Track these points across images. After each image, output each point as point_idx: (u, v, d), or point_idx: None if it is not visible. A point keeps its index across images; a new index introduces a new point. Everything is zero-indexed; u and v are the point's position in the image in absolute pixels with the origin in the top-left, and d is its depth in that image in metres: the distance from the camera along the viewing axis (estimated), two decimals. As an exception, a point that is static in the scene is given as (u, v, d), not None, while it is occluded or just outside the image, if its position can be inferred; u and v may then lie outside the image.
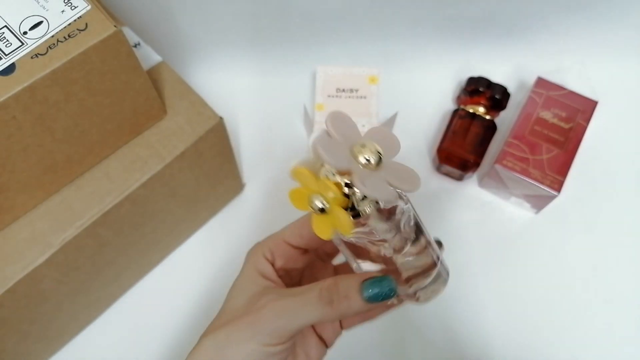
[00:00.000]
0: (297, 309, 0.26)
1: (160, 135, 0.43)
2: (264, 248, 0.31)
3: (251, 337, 0.26)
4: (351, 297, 0.26)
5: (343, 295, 0.26)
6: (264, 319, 0.27)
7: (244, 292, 0.30)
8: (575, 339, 0.51)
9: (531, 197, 0.54)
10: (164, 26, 0.56)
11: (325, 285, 0.27)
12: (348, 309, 0.26)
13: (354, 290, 0.26)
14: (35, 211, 0.40)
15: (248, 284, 0.30)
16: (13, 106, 0.31)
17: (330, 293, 0.26)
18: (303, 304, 0.26)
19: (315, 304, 0.26)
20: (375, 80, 0.57)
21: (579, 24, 0.59)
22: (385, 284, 0.26)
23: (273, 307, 0.27)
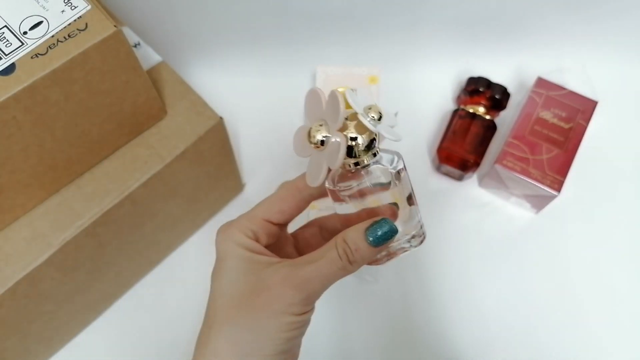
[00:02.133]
0: (323, 274, 0.27)
1: (160, 135, 0.43)
2: (242, 228, 0.30)
3: (278, 311, 0.26)
4: (360, 247, 0.27)
5: (354, 248, 0.27)
6: (287, 291, 0.26)
7: (235, 271, 0.28)
8: (576, 338, 0.51)
9: (531, 197, 0.54)
10: (164, 26, 0.56)
11: (338, 243, 0.27)
12: (362, 259, 0.27)
13: (361, 240, 0.27)
14: (35, 211, 0.40)
15: (237, 262, 0.29)
16: (13, 106, 0.31)
17: (344, 250, 0.27)
18: (327, 267, 0.27)
19: (338, 264, 0.27)
20: (375, 80, 0.57)
21: (579, 24, 0.59)
22: (385, 224, 0.27)
23: (293, 278, 0.27)
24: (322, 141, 0.26)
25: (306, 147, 0.27)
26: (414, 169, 0.59)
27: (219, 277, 0.29)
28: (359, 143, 0.27)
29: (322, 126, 0.27)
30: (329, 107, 0.26)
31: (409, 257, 0.56)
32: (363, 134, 0.27)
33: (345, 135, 0.26)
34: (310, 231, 0.35)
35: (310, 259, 0.28)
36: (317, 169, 0.27)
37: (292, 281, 0.27)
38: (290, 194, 0.31)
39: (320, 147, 0.27)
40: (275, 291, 0.27)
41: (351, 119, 0.27)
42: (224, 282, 0.29)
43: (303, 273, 0.27)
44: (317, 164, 0.27)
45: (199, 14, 0.56)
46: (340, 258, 0.27)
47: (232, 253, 0.29)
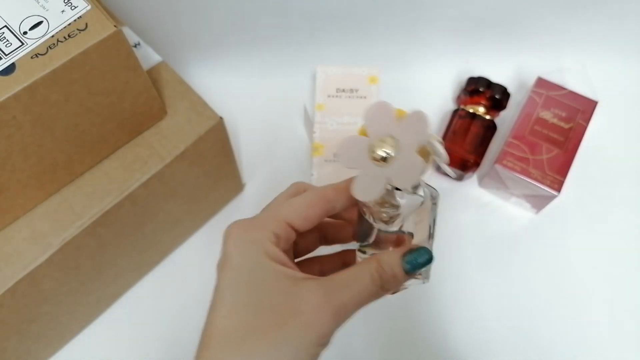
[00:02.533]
0: (357, 300, 0.25)
1: (160, 135, 0.43)
2: (267, 232, 0.26)
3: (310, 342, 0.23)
4: (397, 274, 0.26)
5: (391, 274, 0.26)
6: (323, 319, 0.24)
7: (256, 285, 0.24)
8: (576, 338, 0.51)
9: (531, 197, 0.54)
10: (164, 26, 0.56)
11: (374, 268, 0.26)
12: (396, 285, 0.27)
13: (398, 267, 0.26)
14: (35, 211, 0.40)
15: (260, 275, 0.24)
16: (13, 106, 0.31)
17: (380, 275, 0.26)
18: (361, 293, 0.25)
19: (372, 289, 0.25)
20: (375, 80, 0.57)
21: (579, 24, 0.59)
22: (425, 253, 0.27)
23: (331, 304, 0.24)
24: (384, 157, 0.24)
25: (361, 158, 0.25)
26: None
27: (232, 289, 0.25)
28: None
29: (387, 142, 0.25)
30: (411, 125, 0.25)
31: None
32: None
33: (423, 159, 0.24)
34: (310, 237, 0.33)
35: (344, 281, 0.25)
36: (372, 184, 0.25)
37: (329, 308, 0.24)
38: (319, 201, 0.28)
39: (381, 162, 0.25)
40: (308, 319, 0.23)
41: None
42: (240, 297, 0.24)
43: (339, 298, 0.24)
44: (375, 179, 0.25)
45: (199, 14, 0.56)
46: (375, 284, 0.25)
47: (253, 263, 0.25)
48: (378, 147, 0.24)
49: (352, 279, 0.25)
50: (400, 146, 0.24)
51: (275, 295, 0.24)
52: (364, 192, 0.25)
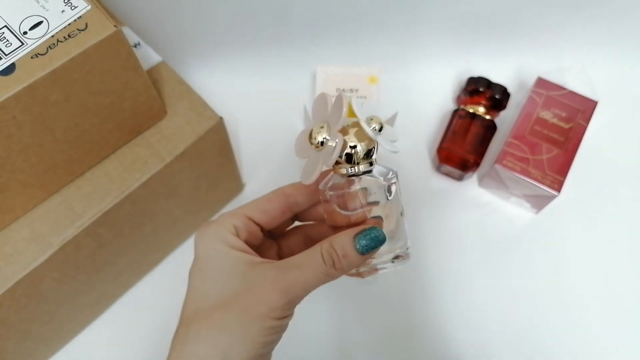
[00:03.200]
0: (307, 279, 0.27)
1: (160, 135, 0.43)
2: (225, 224, 0.29)
3: (262, 315, 0.26)
4: (349, 254, 0.27)
5: (342, 254, 0.27)
6: (271, 295, 0.26)
7: (218, 270, 0.28)
8: (576, 338, 0.51)
9: (531, 197, 0.54)
10: (164, 26, 0.56)
11: (324, 248, 0.27)
12: (349, 265, 0.27)
13: (349, 247, 0.27)
14: (35, 211, 0.40)
15: (221, 261, 0.28)
16: (13, 106, 0.31)
17: (330, 255, 0.27)
18: (311, 272, 0.27)
19: (322, 269, 0.27)
20: (375, 80, 0.57)
21: (579, 24, 0.59)
22: (375, 231, 0.27)
23: (279, 283, 0.26)
24: (322, 142, 0.27)
25: (307, 148, 0.28)
26: (414, 169, 0.59)
27: (200, 276, 0.29)
28: (358, 150, 0.28)
29: (324, 128, 0.27)
30: (334, 109, 0.27)
31: (409, 257, 0.56)
32: (362, 142, 0.28)
33: (343, 136, 0.27)
34: (294, 239, 0.35)
35: (294, 262, 0.27)
36: (312, 168, 0.28)
37: (277, 285, 0.26)
38: (276, 196, 0.31)
39: (320, 147, 0.27)
40: (259, 295, 0.26)
41: (353, 126, 0.28)
42: (206, 282, 0.28)
43: (288, 278, 0.27)
44: (313, 163, 0.28)
45: (199, 14, 0.56)
46: (325, 263, 0.27)
47: (214, 252, 0.28)
48: (315, 134, 0.27)
49: (303, 259, 0.27)
50: (331, 131, 0.27)
51: (234, 277, 0.27)
52: (306, 176, 0.28)
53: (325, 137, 0.27)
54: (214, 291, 0.28)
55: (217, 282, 0.28)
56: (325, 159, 0.27)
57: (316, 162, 0.27)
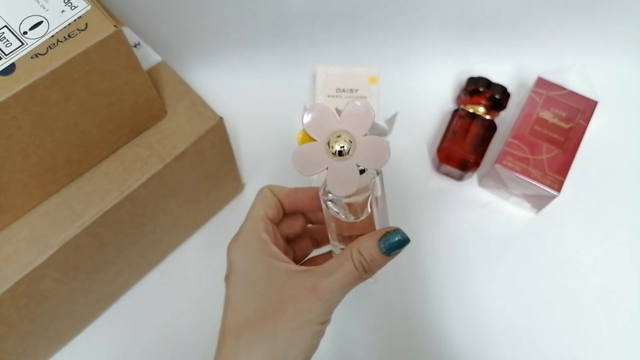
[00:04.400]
0: (344, 285, 0.28)
1: (160, 135, 0.43)
2: (258, 232, 0.31)
3: (310, 320, 0.28)
4: (376, 258, 0.29)
5: (369, 259, 0.29)
6: (315, 302, 0.28)
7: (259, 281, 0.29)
8: (575, 338, 0.51)
9: (531, 197, 0.54)
10: (164, 26, 0.56)
11: (354, 255, 0.29)
12: (377, 267, 0.29)
13: (376, 251, 0.29)
14: (35, 211, 0.40)
15: (261, 272, 0.29)
16: (13, 106, 0.31)
17: (360, 262, 0.29)
18: (346, 278, 0.28)
19: (355, 274, 0.29)
20: (375, 80, 0.57)
21: (579, 24, 0.59)
22: (397, 234, 0.29)
23: (320, 290, 0.28)
24: (340, 152, 0.27)
25: (322, 160, 0.27)
26: (414, 169, 0.59)
27: (241, 288, 0.30)
28: None
29: (342, 137, 0.27)
30: (355, 117, 0.27)
31: (408, 257, 0.56)
32: None
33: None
34: (304, 242, 0.37)
35: (329, 270, 0.29)
36: (347, 176, 0.27)
37: (318, 293, 0.28)
38: (267, 194, 0.33)
39: (341, 157, 0.27)
40: (304, 302, 0.28)
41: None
42: (248, 293, 0.29)
43: (327, 285, 0.28)
44: (346, 171, 0.27)
45: (198, 14, 0.56)
46: (357, 269, 0.28)
47: (252, 263, 0.30)
48: (336, 143, 0.26)
49: (337, 266, 0.29)
50: (353, 137, 0.26)
51: (276, 287, 0.29)
52: (343, 187, 0.27)
53: (345, 146, 0.26)
54: (258, 302, 0.29)
55: (259, 292, 0.29)
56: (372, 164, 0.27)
57: (350, 170, 0.27)
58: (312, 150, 0.27)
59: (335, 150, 0.26)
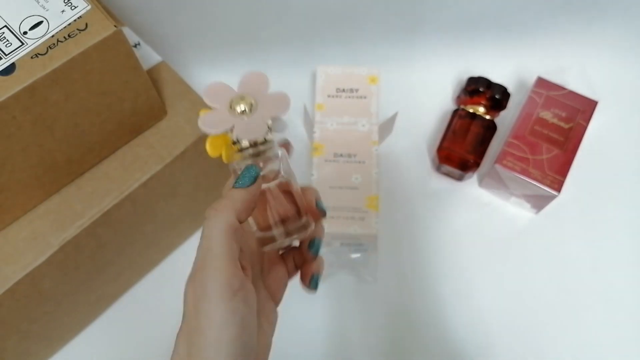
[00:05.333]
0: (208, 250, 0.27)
1: (160, 135, 0.43)
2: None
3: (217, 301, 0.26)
4: (228, 194, 0.28)
5: (226, 196, 0.28)
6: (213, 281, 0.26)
7: None
8: (576, 338, 0.51)
9: (531, 197, 0.54)
10: (164, 26, 0.56)
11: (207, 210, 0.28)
12: (233, 201, 0.28)
13: (229, 187, 0.29)
14: (35, 211, 0.40)
15: None
16: (13, 106, 0.31)
17: (211, 207, 0.28)
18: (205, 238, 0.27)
19: (207, 221, 0.27)
20: (375, 80, 0.57)
21: (579, 24, 0.59)
22: (248, 169, 0.29)
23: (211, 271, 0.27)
24: (244, 110, 0.29)
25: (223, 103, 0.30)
26: (414, 169, 0.59)
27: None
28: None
29: (245, 100, 0.30)
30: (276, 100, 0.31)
31: (408, 257, 0.56)
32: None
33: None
34: (280, 272, 0.34)
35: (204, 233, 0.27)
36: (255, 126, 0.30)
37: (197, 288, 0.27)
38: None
39: (244, 114, 0.29)
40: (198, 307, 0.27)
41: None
42: None
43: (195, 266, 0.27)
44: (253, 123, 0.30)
45: (198, 14, 0.56)
46: (207, 217, 0.27)
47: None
48: (238, 105, 0.29)
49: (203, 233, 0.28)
50: (256, 109, 0.30)
51: None
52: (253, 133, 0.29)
53: (245, 109, 0.29)
54: None
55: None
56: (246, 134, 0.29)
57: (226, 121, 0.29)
58: (217, 114, 0.30)
59: (241, 110, 0.29)
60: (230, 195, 0.28)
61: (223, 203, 0.28)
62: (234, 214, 0.28)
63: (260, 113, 0.30)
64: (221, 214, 0.27)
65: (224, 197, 0.28)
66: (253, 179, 0.29)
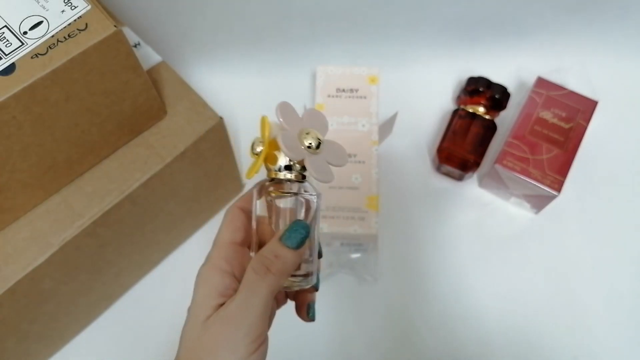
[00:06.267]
0: (250, 307, 0.26)
1: (160, 135, 0.43)
2: (218, 264, 0.29)
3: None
4: (280, 253, 0.27)
5: (273, 257, 0.27)
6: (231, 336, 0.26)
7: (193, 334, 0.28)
8: (575, 338, 0.51)
9: (531, 197, 0.54)
10: (164, 26, 0.56)
11: (252, 264, 0.27)
12: (285, 264, 0.27)
13: (278, 247, 0.27)
14: (35, 211, 0.40)
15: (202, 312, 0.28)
16: (13, 106, 0.31)
17: (261, 263, 0.27)
18: (250, 297, 0.26)
19: (259, 284, 0.26)
20: (375, 80, 0.57)
21: (579, 24, 0.59)
22: (298, 226, 0.28)
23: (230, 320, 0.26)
24: (310, 146, 0.29)
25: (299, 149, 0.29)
26: (414, 169, 0.59)
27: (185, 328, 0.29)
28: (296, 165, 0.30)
29: (309, 134, 0.29)
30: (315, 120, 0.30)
31: (408, 257, 0.56)
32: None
33: None
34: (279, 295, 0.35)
35: (234, 297, 0.27)
36: (323, 166, 0.29)
37: (230, 320, 0.26)
38: (236, 214, 0.31)
39: (311, 150, 0.29)
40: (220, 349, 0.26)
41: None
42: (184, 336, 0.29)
43: (234, 308, 0.26)
44: (321, 162, 0.29)
45: (199, 14, 0.56)
46: (258, 273, 0.27)
47: (197, 307, 0.28)
48: (305, 139, 0.29)
49: (241, 287, 0.27)
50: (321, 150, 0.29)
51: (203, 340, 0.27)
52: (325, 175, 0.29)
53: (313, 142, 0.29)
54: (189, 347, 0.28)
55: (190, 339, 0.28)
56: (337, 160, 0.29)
57: (323, 163, 0.29)
58: (292, 137, 0.29)
59: (308, 144, 0.28)
60: (283, 256, 0.27)
61: (276, 266, 0.27)
62: (284, 279, 0.27)
63: (324, 156, 0.29)
64: (273, 278, 0.27)
65: (275, 256, 0.27)
66: (302, 239, 0.28)
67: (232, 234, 0.30)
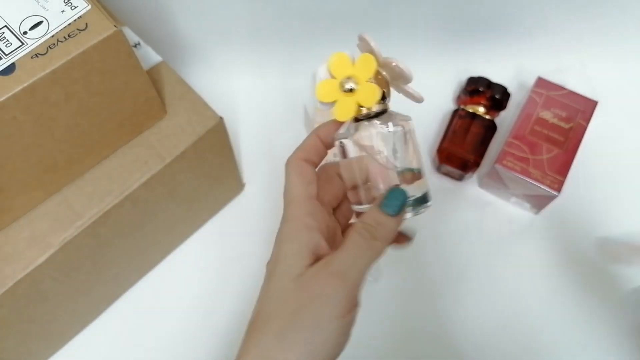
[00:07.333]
0: (355, 261, 0.27)
1: (160, 135, 0.43)
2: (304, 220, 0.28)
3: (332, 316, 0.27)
4: (382, 221, 0.27)
5: (376, 224, 0.27)
6: (334, 294, 0.26)
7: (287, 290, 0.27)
8: (575, 338, 0.51)
9: (531, 197, 0.54)
10: (164, 26, 0.56)
11: (357, 228, 0.27)
12: (388, 232, 0.28)
13: (380, 215, 0.27)
14: (35, 211, 0.40)
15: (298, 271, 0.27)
16: (13, 106, 0.31)
17: (366, 230, 0.27)
18: (355, 251, 0.27)
19: (366, 247, 0.27)
20: (375, 80, 0.57)
21: (579, 24, 0.59)
22: (397, 193, 0.28)
23: (335, 280, 0.26)
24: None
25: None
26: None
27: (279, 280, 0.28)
28: None
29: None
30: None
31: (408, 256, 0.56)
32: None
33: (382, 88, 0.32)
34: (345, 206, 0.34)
35: (342, 251, 0.27)
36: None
37: (336, 280, 0.26)
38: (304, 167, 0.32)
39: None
40: (323, 297, 0.26)
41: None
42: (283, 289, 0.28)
43: (338, 264, 0.27)
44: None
45: (198, 14, 0.56)
46: (362, 236, 0.27)
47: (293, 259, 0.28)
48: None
49: (345, 242, 0.27)
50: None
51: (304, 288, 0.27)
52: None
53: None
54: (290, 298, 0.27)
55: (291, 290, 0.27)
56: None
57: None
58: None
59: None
60: (384, 223, 0.27)
61: (380, 233, 0.27)
62: (387, 245, 0.28)
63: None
64: (379, 245, 0.27)
65: (378, 223, 0.27)
66: (401, 206, 0.28)
67: (306, 188, 0.30)
